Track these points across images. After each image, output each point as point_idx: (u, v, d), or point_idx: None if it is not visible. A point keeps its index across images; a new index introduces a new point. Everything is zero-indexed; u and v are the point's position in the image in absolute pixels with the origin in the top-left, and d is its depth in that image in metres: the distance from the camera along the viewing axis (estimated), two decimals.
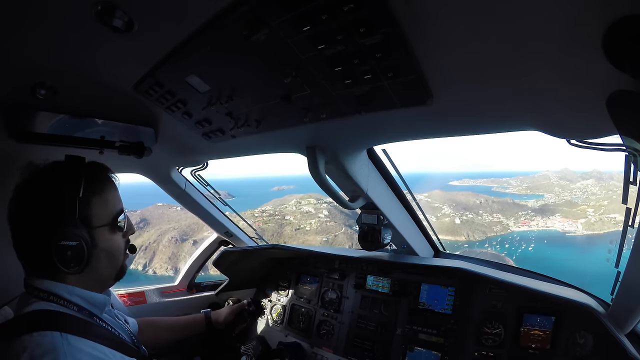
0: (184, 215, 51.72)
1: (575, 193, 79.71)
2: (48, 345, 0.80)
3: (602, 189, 77.37)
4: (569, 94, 0.81)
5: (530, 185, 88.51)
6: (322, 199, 58.72)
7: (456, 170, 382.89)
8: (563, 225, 69.50)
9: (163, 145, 1.67)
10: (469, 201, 74.62)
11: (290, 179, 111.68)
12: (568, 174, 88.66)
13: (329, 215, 56.23)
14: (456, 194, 79.46)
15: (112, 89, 1.19)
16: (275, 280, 2.65)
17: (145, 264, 46.11)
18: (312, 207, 58.26)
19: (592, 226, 66.99)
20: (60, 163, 1.02)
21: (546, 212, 72.63)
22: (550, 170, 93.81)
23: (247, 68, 0.98)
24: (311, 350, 2.24)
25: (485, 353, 1.66)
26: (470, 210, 72.08)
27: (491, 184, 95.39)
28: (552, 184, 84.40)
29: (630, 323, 1.38)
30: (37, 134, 1.30)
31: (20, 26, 0.80)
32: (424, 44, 0.78)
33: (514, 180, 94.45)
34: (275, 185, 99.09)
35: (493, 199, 77.13)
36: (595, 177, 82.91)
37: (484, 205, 73.71)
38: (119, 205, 1.08)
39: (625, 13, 0.55)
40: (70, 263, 0.91)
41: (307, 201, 57.79)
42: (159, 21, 0.81)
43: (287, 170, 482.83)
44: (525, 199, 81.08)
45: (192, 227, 49.16)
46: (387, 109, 1.05)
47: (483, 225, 69.03)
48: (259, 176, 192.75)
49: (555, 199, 79.18)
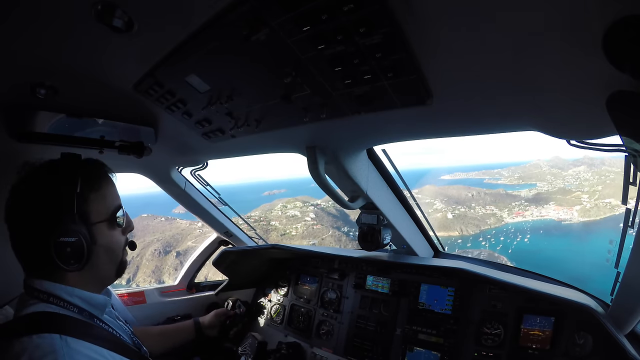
0: (169, 226, 51.31)
1: (568, 180, 79.11)
2: (47, 347, 0.79)
3: (594, 175, 76.63)
4: (569, 95, 0.81)
5: (522, 175, 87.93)
6: (309, 201, 57.67)
7: (447, 165, 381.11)
8: (558, 214, 68.55)
9: (163, 145, 1.67)
10: (460, 195, 73.71)
11: (281, 183, 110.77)
12: (559, 162, 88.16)
13: (316, 218, 55.33)
14: (447, 187, 78.53)
15: (112, 89, 1.19)
16: (275, 280, 2.65)
17: (129, 279, 45.66)
18: (298, 211, 57.28)
19: (588, 212, 66.15)
20: (56, 161, 1.01)
21: (540, 201, 71.84)
22: (541, 159, 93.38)
23: (247, 68, 0.98)
24: (311, 350, 2.24)
25: (485, 353, 1.66)
26: (462, 204, 71.13)
27: (483, 175, 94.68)
28: (544, 173, 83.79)
29: (629, 323, 1.38)
30: (37, 133, 1.30)
31: (20, 26, 0.79)
32: (424, 44, 0.78)
33: (505, 171, 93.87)
34: (266, 190, 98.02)
35: (485, 190, 76.28)
36: (586, 164, 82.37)
37: (476, 198, 72.77)
38: (117, 201, 1.08)
39: (625, 13, 0.55)
40: (70, 260, 0.91)
41: (293, 205, 56.83)
42: (158, 21, 0.81)
43: (278, 174, 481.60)
44: (518, 189, 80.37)
45: (176, 237, 48.46)
46: (387, 109, 1.05)
47: (476, 219, 68.00)
48: (249, 182, 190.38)
49: (548, 187, 78.53)
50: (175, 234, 48.99)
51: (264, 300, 2.68)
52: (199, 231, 45.86)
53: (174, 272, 37.17)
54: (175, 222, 51.11)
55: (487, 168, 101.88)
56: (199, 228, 46.46)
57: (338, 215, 56.78)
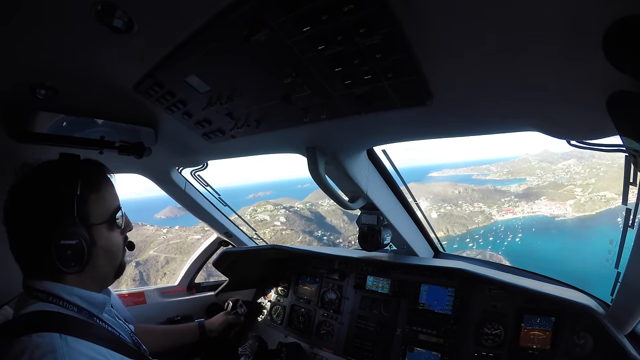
0: (135, 233, 50.23)
1: (558, 173, 76.58)
2: (47, 346, 0.79)
3: (585, 167, 74.14)
4: (569, 95, 0.81)
5: (510, 169, 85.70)
6: (281, 204, 55.36)
7: (435, 162, 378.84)
8: (550, 209, 64.88)
9: (163, 146, 1.67)
10: (447, 192, 70.57)
11: (268, 185, 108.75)
12: (548, 155, 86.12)
13: (287, 222, 52.89)
14: (433, 185, 75.44)
15: (112, 89, 1.18)
16: (275, 281, 2.65)
17: None
18: (268, 215, 54.83)
19: (583, 207, 62.34)
20: (55, 162, 1.01)
21: (530, 196, 68.90)
22: (529, 154, 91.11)
23: (247, 68, 0.98)
24: (311, 351, 2.24)
25: (485, 354, 1.65)
26: (448, 202, 67.96)
27: (471, 172, 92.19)
28: (533, 167, 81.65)
29: (630, 324, 1.38)
30: (37, 133, 1.30)
31: (20, 26, 0.79)
32: (424, 44, 0.78)
33: (494, 166, 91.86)
34: (252, 192, 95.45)
35: (473, 187, 73.08)
36: (576, 157, 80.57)
37: (464, 195, 69.69)
38: (116, 202, 1.08)
39: (626, 13, 0.55)
40: (71, 262, 0.91)
41: (264, 208, 54.48)
42: (159, 21, 0.81)
43: (268, 175, 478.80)
44: (507, 184, 77.60)
45: (139, 245, 46.26)
46: (387, 110, 1.05)
47: (463, 218, 64.66)
48: (236, 184, 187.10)
49: (539, 182, 75.85)
50: (139, 242, 46.88)
51: (264, 301, 2.67)
52: (162, 237, 42.59)
53: (132, 283, 34.83)
54: (142, 229, 48.21)
55: (475, 164, 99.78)
56: (163, 234, 43.40)
57: (312, 218, 54.31)
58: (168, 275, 34.08)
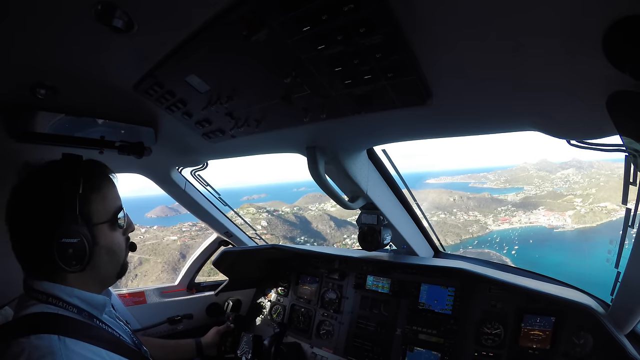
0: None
1: (557, 183, 74.52)
2: (45, 348, 0.79)
3: (584, 177, 72.34)
4: (569, 94, 0.81)
5: (508, 178, 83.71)
6: (265, 208, 54.04)
7: (431, 169, 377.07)
8: (549, 220, 62.02)
9: (163, 145, 1.67)
10: (441, 199, 68.13)
11: (262, 188, 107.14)
12: (546, 164, 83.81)
13: (268, 226, 50.81)
14: (428, 191, 73.06)
15: (112, 89, 1.19)
16: (275, 281, 2.65)
17: None
18: (250, 218, 52.54)
19: (583, 218, 59.64)
20: (58, 162, 1.01)
21: (528, 206, 66.58)
22: (528, 163, 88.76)
23: (247, 68, 0.98)
24: (311, 351, 2.24)
25: (485, 353, 1.65)
26: (442, 210, 65.37)
27: (468, 179, 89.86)
28: (532, 176, 79.61)
29: (630, 323, 1.38)
30: (37, 133, 1.30)
31: (20, 26, 0.79)
32: (424, 44, 0.78)
33: (491, 174, 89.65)
34: (246, 195, 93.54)
35: (469, 194, 70.58)
36: (575, 167, 78.74)
37: (459, 203, 67.17)
38: (117, 202, 1.08)
39: (626, 13, 0.55)
40: (72, 261, 0.91)
41: (246, 211, 52.11)
42: (158, 21, 0.81)
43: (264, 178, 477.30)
44: (504, 192, 75.22)
45: None
46: (387, 110, 1.05)
47: (457, 227, 61.60)
48: (232, 187, 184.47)
49: (537, 191, 73.65)
50: None
51: (263, 301, 2.68)
52: (140, 237, 38.30)
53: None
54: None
55: (472, 172, 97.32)
56: (141, 234, 40.24)
57: (297, 223, 52.52)
58: (139, 277, 33.50)
